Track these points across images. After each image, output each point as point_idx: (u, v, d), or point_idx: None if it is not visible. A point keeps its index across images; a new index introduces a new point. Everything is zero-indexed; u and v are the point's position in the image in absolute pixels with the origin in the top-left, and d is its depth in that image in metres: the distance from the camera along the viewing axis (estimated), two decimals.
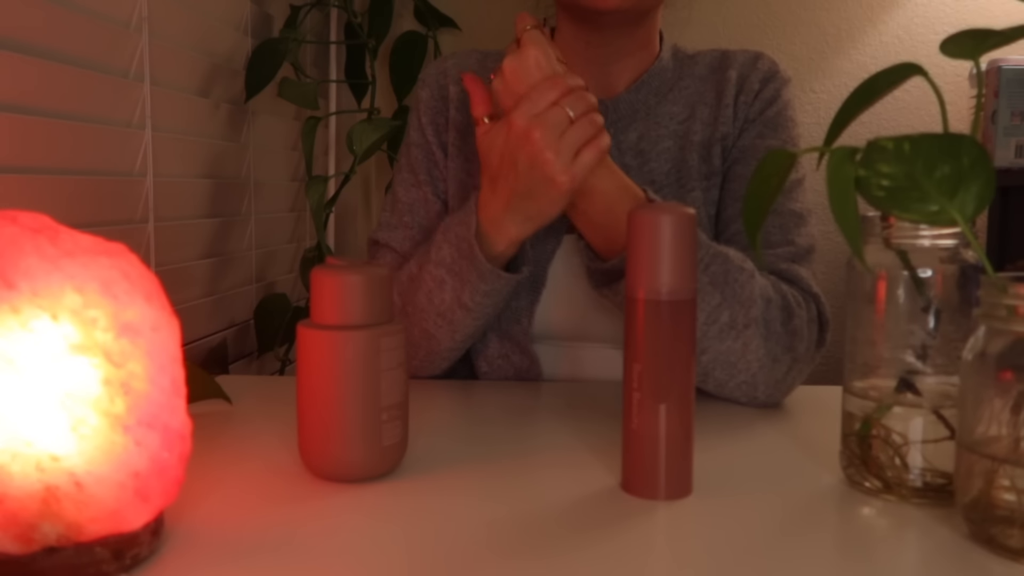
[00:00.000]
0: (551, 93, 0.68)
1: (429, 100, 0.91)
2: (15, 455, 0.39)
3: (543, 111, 0.67)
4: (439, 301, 0.77)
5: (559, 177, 0.68)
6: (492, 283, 0.75)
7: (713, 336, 0.72)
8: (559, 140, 0.67)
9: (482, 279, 0.75)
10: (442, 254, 0.76)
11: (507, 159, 0.70)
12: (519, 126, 0.68)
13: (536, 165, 0.68)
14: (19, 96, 0.70)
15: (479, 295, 0.76)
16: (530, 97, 0.68)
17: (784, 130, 0.87)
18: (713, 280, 0.71)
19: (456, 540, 0.47)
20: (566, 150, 0.68)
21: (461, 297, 0.76)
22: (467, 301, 0.76)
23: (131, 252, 0.45)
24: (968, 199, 0.45)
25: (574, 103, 0.68)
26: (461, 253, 0.74)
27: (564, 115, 0.67)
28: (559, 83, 0.68)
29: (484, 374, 0.88)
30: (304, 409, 0.56)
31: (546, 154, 0.67)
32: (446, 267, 0.76)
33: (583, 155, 0.68)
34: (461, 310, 0.77)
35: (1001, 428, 0.45)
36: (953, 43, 0.51)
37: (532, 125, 0.67)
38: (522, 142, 0.68)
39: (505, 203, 0.72)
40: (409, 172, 0.91)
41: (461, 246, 0.74)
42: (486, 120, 0.72)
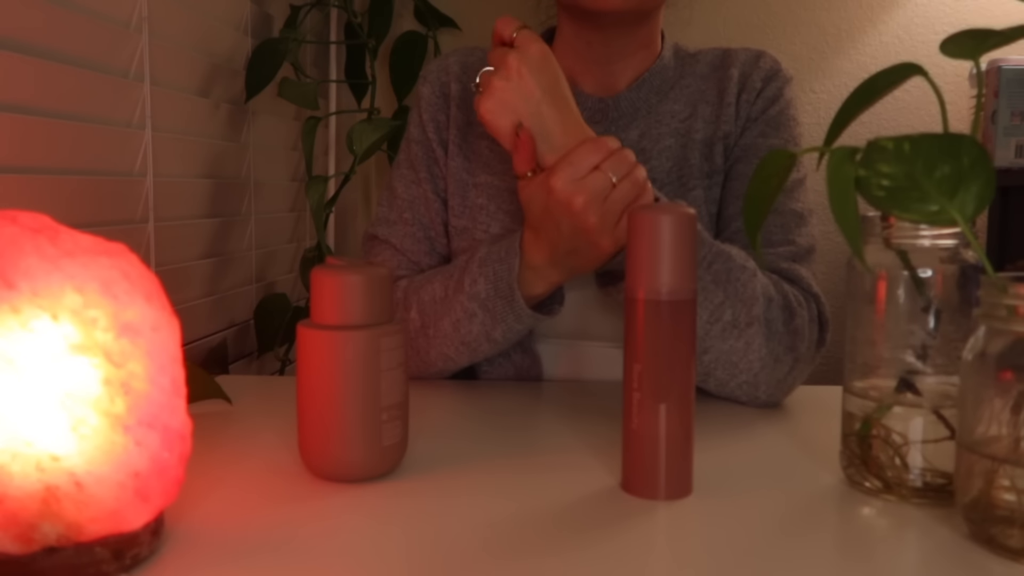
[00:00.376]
0: (593, 157, 0.67)
1: (430, 97, 0.91)
2: (15, 455, 0.39)
3: (584, 176, 0.67)
4: (466, 332, 0.77)
5: (603, 242, 0.69)
6: (527, 323, 0.77)
7: (716, 335, 0.72)
8: (602, 205, 0.67)
9: (518, 320, 0.76)
10: (477, 288, 0.76)
11: (549, 219, 0.70)
12: (561, 192, 0.67)
13: (579, 231, 0.68)
14: (19, 96, 0.70)
15: (512, 333, 0.77)
16: (570, 161, 0.67)
17: (786, 129, 0.87)
18: (716, 278, 0.71)
19: (456, 540, 0.47)
20: (610, 216, 0.67)
21: (492, 333, 0.77)
22: (497, 337, 0.77)
23: (131, 252, 0.45)
24: (968, 199, 0.45)
25: (616, 166, 0.67)
26: (499, 293, 0.75)
27: (607, 181, 0.67)
28: (601, 147, 0.67)
29: (484, 372, 0.88)
30: (304, 409, 0.56)
31: (589, 220, 0.67)
32: (479, 302, 0.76)
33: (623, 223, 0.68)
34: (488, 343, 0.78)
35: (1001, 428, 0.45)
36: (953, 43, 0.51)
37: (575, 192, 0.66)
38: (565, 208, 0.67)
39: (549, 256, 0.72)
40: (409, 168, 0.91)
41: (500, 286, 0.75)
42: (529, 175, 0.71)
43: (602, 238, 0.68)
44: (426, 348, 0.81)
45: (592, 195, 0.66)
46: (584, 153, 0.67)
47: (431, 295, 0.80)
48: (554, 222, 0.69)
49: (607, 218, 0.67)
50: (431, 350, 0.80)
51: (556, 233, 0.70)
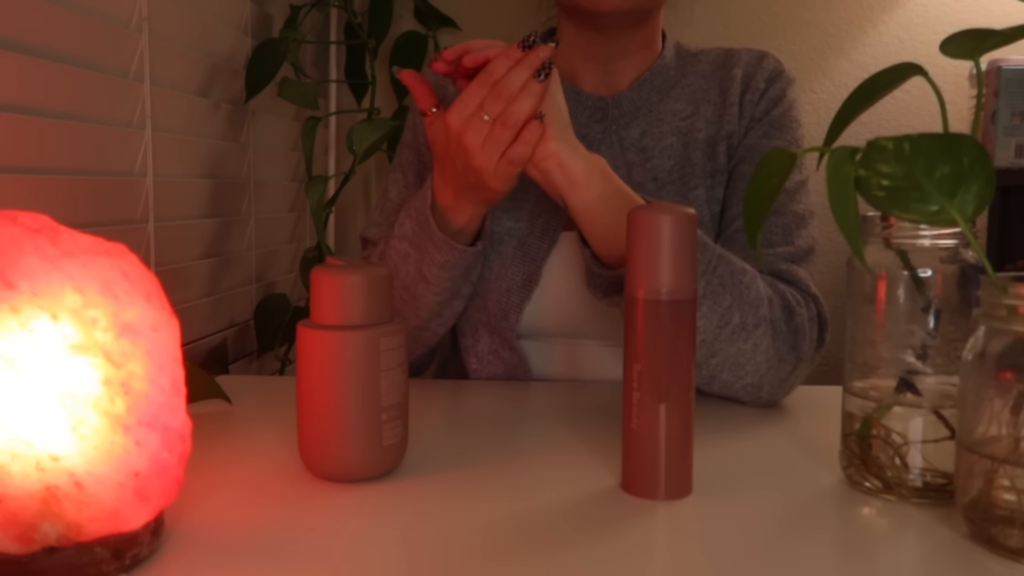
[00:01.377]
0: (479, 92, 0.67)
1: None
2: (15, 455, 0.39)
3: (473, 112, 0.67)
4: (404, 274, 0.78)
5: (490, 181, 0.69)
6: (446, 254, 0.76)
7: (725, 339, 0.71)
8: (483, 146, 0.68)
9: (437, 249, 0.76)
10: (404, 228, 0.77)
11: (447, 155, 0.71)
12: (454, 128, 0.68)
13: (470, 168, 0.69)
14: (19, 96, 0.70)
15: (435, 266, 0.77)
16: (462, 97, 0.68)
17: (789, 130, 0.87)
18: (722, 282, 0.71)
19: (456, 540, 0.47)
20: (489, 156, 0.68)
21: (421, 269, 0.77)
22: (426, 272, 0.77)
23: (131, 252, 0.45)
24: (968, 199, 0.45)
25: (491, 104, 0.67)
26: (420, 225, 0.76)
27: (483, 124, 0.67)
28: (484, 79, 0.67)
29: (474, 371, 0.87)
30: (304, 409, 0.56)
31: (476, 160, 0.68)
32: (408, 240, 0.77)
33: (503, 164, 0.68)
34: (422, 282, 0.78)
35: (1001, 428, 0.45)
36: (953, 43, 0.51)
37: (464, 129, 0.68)
38: (456, 145, 0.69)
39: (454, 190, 0.73)
40: (400, 172, 0.91)
41: (420, 219, 0.76)
42: (433, 111, 0.72)
43: (489, 179, 0.69)
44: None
45: (476, 132, 0.67)
46: (473, 89, 0.67)
47: (378, 254, 0.82)
48: (451, 158, 0.70)
49: (488, 158, 0.68)
50: None
51: (452, 169, 0.71)
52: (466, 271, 0.79)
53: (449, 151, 0.70)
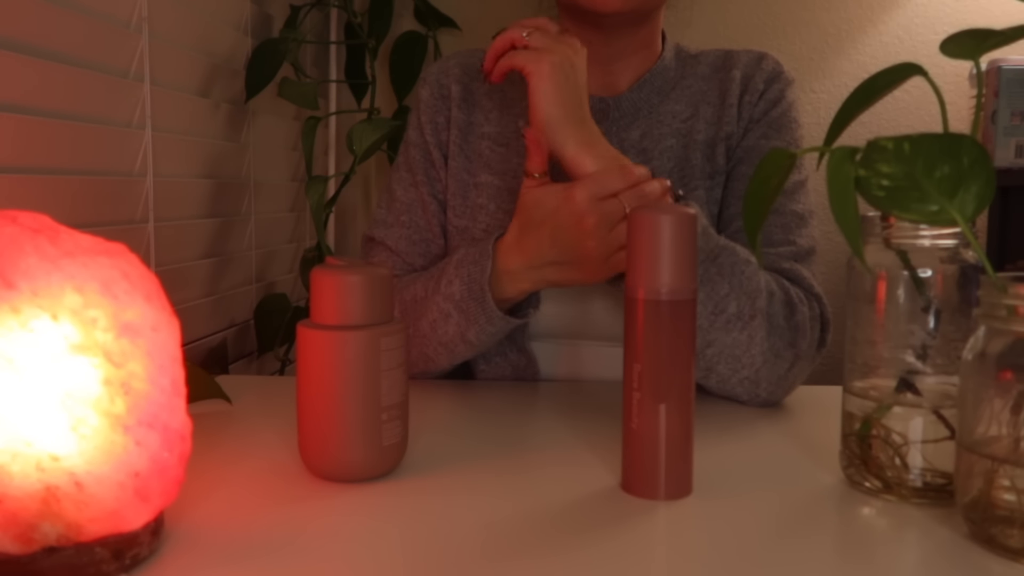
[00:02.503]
0: (618, 183, 0.68)
1: (429, 99, 0.91)
2: (15, 455, 0.39)
3: (604, 199, 0.68)
4: (443, 332, 0.78)
5: (592, 267, 0.70)
6: (499, 326, 0.76)
7: (720, 327, 0.72)
8: (607, 234, 0.68)
9: (490, 322, 0.76)
10: (452, 289, 0.76)
11: (549, 226, 0.70)
12: (578, 205, 0.68)
13: (575, 249, 0.69)
14: (19, 96, 0.70)
15: (485, 335, 0.77)
16: (598, 180, 0.68)
17: (788, 131, 0.87)
18: (721, 270, 0.72)
19: (456, 540, 0.47)
20: (610, 246, 0.69)
21: (466, 334, 0.77)
22: (472, 338, 0.77)
23: (131, 252, 0.45)
24: (968, 199, 0.45)
25: (632, 199, 0.68)
26: (472, 295, 0.75)
27: (621, 210, 0.68)
28: (628, 174, 0.68)
29: (481, 372, 0.88)
30: (304, 409, 0.56)
31: (589, 243, 0.69)
32: (454, 303, 0.76)
33: (620, 255, 0.69)
34: (464, 344, 0.78)
35: (1001, 428, 0.45)
36: (953, 43, 0.51)
37: (590, 211, 0.68)
38: (574, 222, 0.68)
39: (528, 262, 0.73)
40: (407, 171, 0.91)
41: (472, 287, 0.75)
42: (537, 176, 0.72)
43: (594, 265, 0.70)
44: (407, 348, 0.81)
45: (604, 220, 0.68)
46: (613, 177, 0.68)
47: (412, 295, 0.81)
48: (553, 231, 0.70)
49: (608, 247, 0.69)
50: (412, 350, 0.81)
51: (549, 242, 0.71)
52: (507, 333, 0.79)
53: (553, 223, 0.70)
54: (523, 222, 0.73)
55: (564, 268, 0.72)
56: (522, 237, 0.73)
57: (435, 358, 0.81)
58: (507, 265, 0.74)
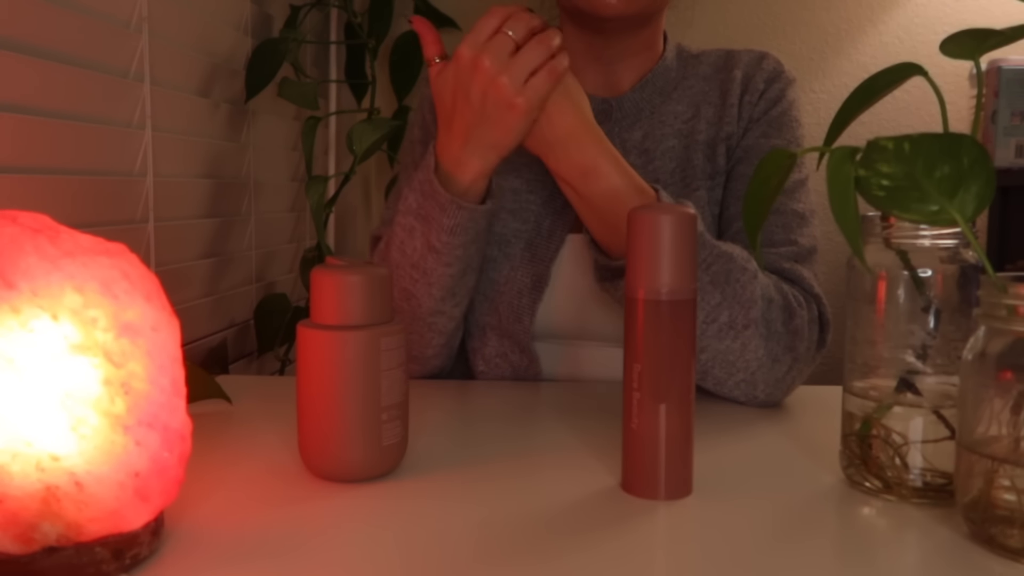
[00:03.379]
0: (492, 21, 0.69)
1: (433, 98, 0.91)
2: (15, 455, 0.39)
3: (488, 38, 0.68)
4: (411, 250, 0.76)
5: (515, 100, 0.68)
6: (454, 216, 0.74)
7: (712, 335, 0.72)
8: (509, 64, 0.68)
9: (444, 213, 0.74)
10: (408, 202, 0.76)
11: (460, 93, 0.70)
12: (466, 57, 0.69)
13: (489, 92, 0.69)
14: (19, 96, 0.70)
15: (445, 233, 0.74)
16: (474, 28, 0.69)
17: (788, 130, 0.87)
18: (714, 280, 0.71)
19: (456, 540, 0.47)
20: (517, 72, 0.68)
21: (430, 239, 0.75)
22: (435, 242, 0.75)
23: (131, 252, 0.45)
24: (968, 199, 0.45)
25: (514, 26, 0.68)
26: (424, 195, 0.74)
27: (508, 40, 0.68)
28: (498, 11, 0.69)
29: (481, 373, 0.87)
30: (304, 409, 0.56)
31: (499, 79, 0.68)
32: (413, 213, 0.75)
33: (537, 78, 0.69)
34: (432, 255, 0.76)
35: (1001, 428, 0.45)
36: (953, 43, 0.51)
37: (479, 53, 0.68)
38: (472, 72, 0.69)
39: (463, 138, 0.72)
40: (414, 168, 0.91)
41: (424, 187, 0.74)
42: (437, 60, 0.73)
43: (514, 96, 0.68)
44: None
45: (496, 53, 0.68)
46: (485, 19, 0.69)
47: (384, 241, 0.81)
48: (464, 94, 0.70)
49: (515, 75, 0.68)
50: (395, 292, 0.79)
51: (467, 106, 0.70)
52: (476, 235, 0.76)
53: (460, 88, 0.70)
54: (441, 110, 0.73)
55: (494, 119, 0.70)
56: (448, 122, 0.73)
57: (414, 290, 0.78)
58: (448, 154, 0.73)
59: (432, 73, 0.73)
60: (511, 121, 0.70)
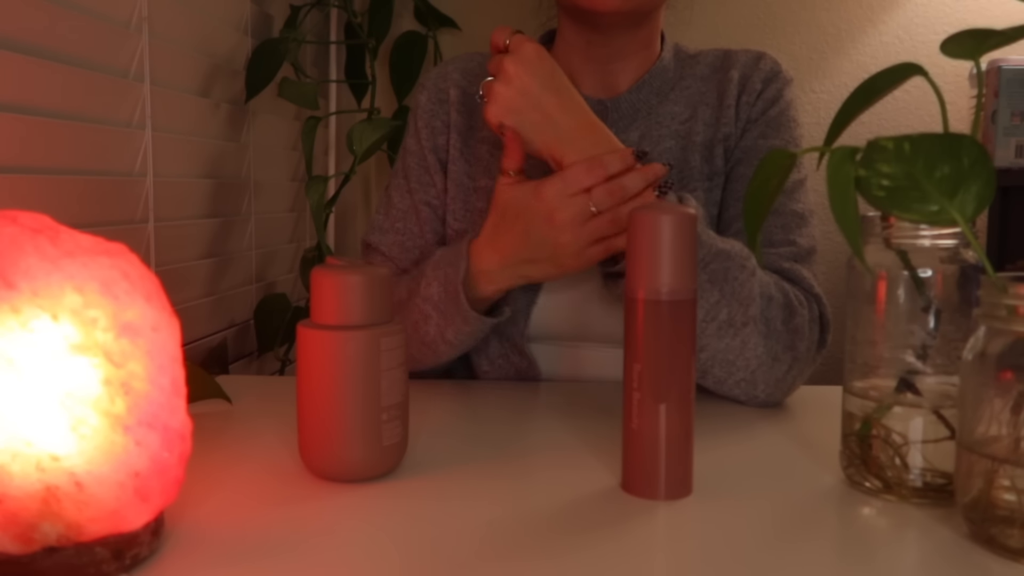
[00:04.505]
0: (587, 179, 0.69)
1: (426, 104, 0.91)
2: (15, 455, 0.39)
3: (574, 194, 0.69)
4: (424, 333, 0.79)
5: (567, 261, 0.71)
6: (475, 326, 0.77)
7: (711, 334, 0.72)
8: (580, 228, 0.69)
9: (465, 322, 0.76)
10: (430, 291, 0.77)
11: (522, 223, 0.71)
12: (547, 201, 0.69)
13: (548, 243, 0.70)
14: (19, 96, 0.70)
15: (462, 335, 0.78)
16: (566, 177, 0.69)
17: (786, 130, 0.87)
18: (712, 278, 0.72)
19: (456, 540, 0.47)
20: (583, 240, 0.70)
21: (445, 334, 0.78)
22: (451, 338, 0.78)
23: (131, 252, 0.45)
24: (968, 199, 0.45)
25: (602, 199, 0.69)
26: (448, 295, 0.76)
27: (588, 207, 0.69)
28: (597, 169, 0.69)
29: (485, 373, 0.88)
30: (304, 409, 0.56)
31: (562, 238, 0.70)
32: (432, 304, 0.77)
33: (594, 249, 0.71)
34: (444, 344, 0.79)
35: (1001, 428, 0.45)
36: (953, 43, 0.51)
37: (560, 206, 0.69)
38: (545, 218, 0.70)
39: (503, 260, 0.74)
40: (403, 178, 0.91)
41: (448, 288, 0.76)
42: (512, 174, 0.73)
43: (568, 257, 0.71)
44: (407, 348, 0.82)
45: (575, 214, 0.69)
46: (581, 172, 0.69)
47: (397, 298, 0.82)
48: (524, 227, 0.71)
49: (581, 241, 0.70)
50: None
51: (523, 239, 0.72)
52: (485, 334, 0.80)
53: (525, 220, 0.71)
54: (496, 221, 0.74)
55: (539, 264, 0.73)
56: (496, 235, 0.74)
57: (420, 358, 0.82)
58: (482, 265, 0.75)
59: (501, 183, 0.74)
60: (553, 273, 0.73)
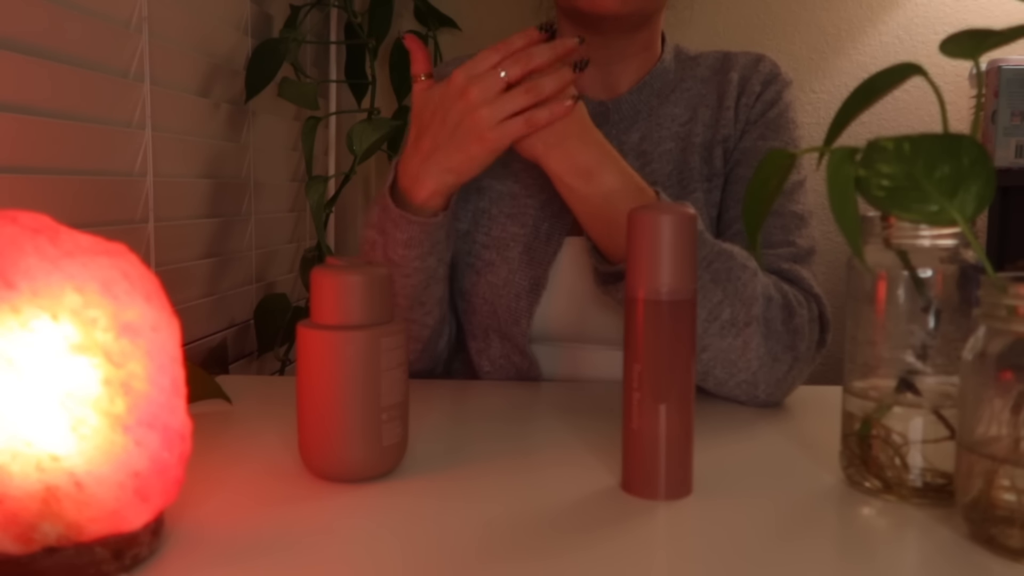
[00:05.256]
0: (493, 56, 0.70)
1: None
2: (15, 455, 0.39)
3: (483, 72, 0.70)
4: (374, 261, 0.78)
5: (486, 133, 0.70)
6: (407, 230, 0.76)
7: (714, 333, 0.72)
8: (494, 101, 0.69)
9: (397, 227, 0.76)
10: (371, 216, 0.78)
11: (439, 113, 0.72)
12: (457, 82, 0.70)
13: (465, 119, 0.70)
14: (19, 96, 0.70)
15: (400, 246, 0.76)
16: (474, 58, 0.70)
17: (785, 132, 0.87)
18: (715, 277, 0.72)
19: (456, 540, 0.47)
20: (498, 110, 0.69)
21: (388, 253, 0.77)
22: (392, 255, 0.77)
23: (131, 252, 0.45)
24: (968, 199, 0.45)
25: (511, 68, 0.70)
26: (381, 208, 0.76)
27: (499, 79, 0.69)
28: (502, 47, 0.70)
29: (487, 374, 0.88)
30: (304, 409, 0.56)
31: (479, 110, 0.69)
32: (375, 227, 0.78)
33: (514, 121, 0.70)
34: (392, 268, 0.77)
35: (1001, 428, 0.45)
36: (953, 43, 0.51)
37: (470, 83, 0.69)
38: (457, 97, 0.70)
39: (425, 155, 0.73)
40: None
41: (381, 202, 0.77)
42: (423, 78, 0.74)
43: (487, 130, 0.70)
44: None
45: (486, 87, 0.69)
46: (487, 52, 0.71)
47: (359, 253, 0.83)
48: (443, 114, 0.71)
49: (496, 111, 0.69)
50: None
51: (441, 127, 0.71)
52: (433, 247, 0.77)
53: (441, 108, 0.71)
54: (416, 124, 0.74)
55: (460, 147, 0.71)
56: (417, 137, 0.74)
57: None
58: (407, 169, 0.75)
59: (417, 89, 0.74)
60: (476, 150, 0.71)
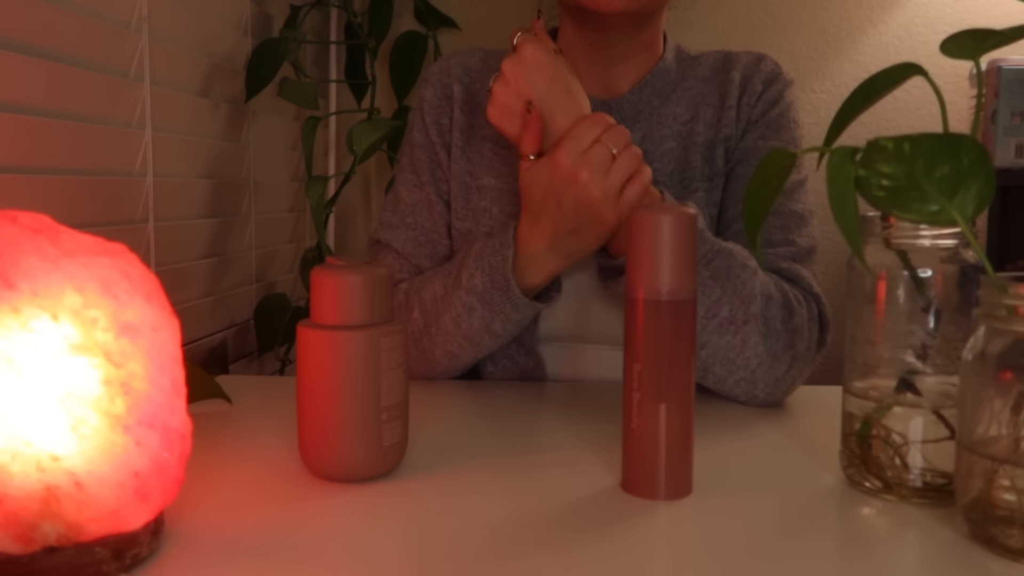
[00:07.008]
0: (593, 130, 0.69)
1: (432, 100, 0.91)
2: (15, 455, 0.39)
3: (587, 149, 0.69)
4: (467, 327, 0.78)
5: (606, 215, 0.70)
6: (525, 312, 0.77)
7: (712, 330, 0.72)
8: (605, 178, 0.69)
9: (516, 310, 0.76)
10: (474, 282, 0.76)
11: (552, 197, 0.71)
12: (565, 165, 0.69)
13: (583, 205, 0.70)
14: (19, 96, 0.70)
15: (511, 324, 0.78)
16: (573, 135, 0.69)
17: (786, 131, 0.87)
18: (714, 275, 0.72)
19: (456, 540, 0.47)
20: (612, 188, 0.69)
21: (491, 325, 0.77)
22: (497, 329, 0.78)
23: (131, 252, 0.45)
24: (968, 199, 0.45)
25: (615, 139, 0.69)
26: (495, 285, 0.75)
27: (607, 152, 0.69)
28: (599, 120, 0.70)
29: (490, 374, 0.88)
30: (304, 409, 0.56)
31: (594, 194, 0.69)
32: (477, 295, 0.76)
33: (628, 190, 0.70)
34: (489, 336, 0.78)
35: (1001, 428, 0.45)
36: (953, 43, 0.51)
37: (578, 165, 0.69)
38: (569, 182, 0.69)
39: (548, 241, 0.73)
40: (412, 172, 0.91)
41: (495, 278, 0.75)
42: (531, 158, 0.73)
43: (605, 210, 0.70)
44: (431, 347, 0.81)
45: (595, 167, 0.69)
46: (585, 127, 0.70)
47: (432, 294, 0.81)
48: (556, 200, 0.71)
49: (610, 189, 0.69)
50: (435, 348, 0.81)
51: (558, 212, 0.71)
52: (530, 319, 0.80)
53: (553, 193, 0.71)
54: (529, 205, 0.74)
55: (583, 230, 0.72)
56: (534, 219, 0.74)
57: (460, 354, 0.81)
58: (529, 250, 0.74)
59: (523, 168, 0.73)
60: (599, 232, 0.72)
